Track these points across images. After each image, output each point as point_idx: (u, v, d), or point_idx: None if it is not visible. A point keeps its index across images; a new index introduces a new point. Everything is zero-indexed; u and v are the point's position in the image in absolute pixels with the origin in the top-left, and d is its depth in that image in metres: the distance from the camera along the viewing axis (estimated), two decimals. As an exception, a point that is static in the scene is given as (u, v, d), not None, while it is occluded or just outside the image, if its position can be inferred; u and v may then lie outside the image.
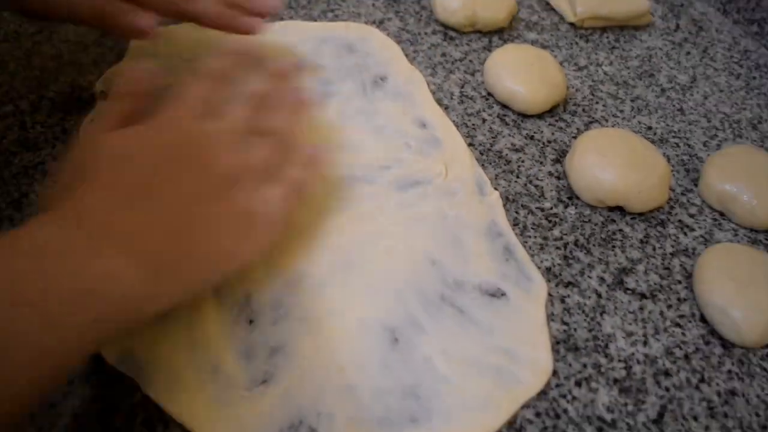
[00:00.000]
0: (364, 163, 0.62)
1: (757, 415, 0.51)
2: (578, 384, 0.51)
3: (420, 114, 0.67)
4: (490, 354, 0.50)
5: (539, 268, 0.57)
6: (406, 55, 0.73)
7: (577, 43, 0.80)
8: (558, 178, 0.64)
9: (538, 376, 0.50)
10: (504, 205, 0.61)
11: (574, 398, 0.50)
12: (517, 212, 0.61)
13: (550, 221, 0.61)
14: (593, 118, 0.71)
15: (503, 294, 0.54)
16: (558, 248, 0.59)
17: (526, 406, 0.48)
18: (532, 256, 0.57)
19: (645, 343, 0.54)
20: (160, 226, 0.43)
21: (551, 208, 0.62)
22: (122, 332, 0.41)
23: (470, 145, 0.65)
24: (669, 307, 0.57)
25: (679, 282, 0.58)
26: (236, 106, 0.52)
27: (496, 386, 0.49)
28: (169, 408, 0.44)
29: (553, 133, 0.68)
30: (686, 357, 0.54)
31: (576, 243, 0.59)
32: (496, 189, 0.62)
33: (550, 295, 0.55)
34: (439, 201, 0.60)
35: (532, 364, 0.50)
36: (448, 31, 0.77)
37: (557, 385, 0.50)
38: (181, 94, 0.50)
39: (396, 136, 0.64)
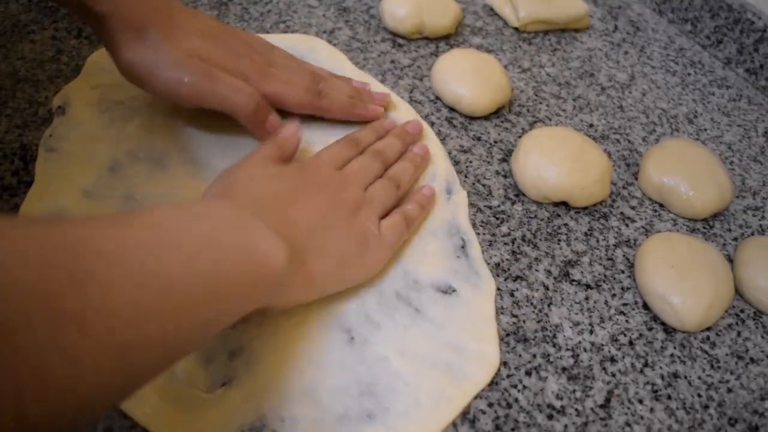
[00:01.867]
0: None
1: (699, 395, 0.52)
2: (528, 373, 0.51)
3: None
4: (441, 350, 0.51)
5: (488, 263, 0.57)
6: (356, 63, 0.72)
7: (520, 47, 0.81)
8: (505, 176, 0.65)
9: (487, 369, 0.50)
10: (454, 205, 0.61)
11: (524, 387, 0.50)
12: (466, 211, 0.61)
13: (498, 218, 0.61)
14: (537, 117, 0.72)
15: (454, 290, 0.54)
16: (506, 244, 0.59)
17: (478, 397, 0.48)
18: (482, 252, 0.57)
19: (591, 332, 0.54)
20: (301, 226, 0.48)
21: (499, 206, 0.62)
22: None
23: (420, 147, 0.65)
24: (613, 296, 0.57)
25: (622, 272, 0.59)
26: (365, 158, 0.59)
27: (448, 381, 0.49)
28: (130, 411, 0.44)
29: (499, 134, 0.69)
30: (630, 343, 0.54)
31: (523, 238, 0.60)
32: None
33: (499, 289, 0.55)
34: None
35: (481, 358, 0.51)
36: (397, 38, 0.77)
37: (508, 376, 0.50)
38: (322, 151, 0.59)
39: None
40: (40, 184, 0.55)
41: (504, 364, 0.51)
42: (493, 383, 0.49)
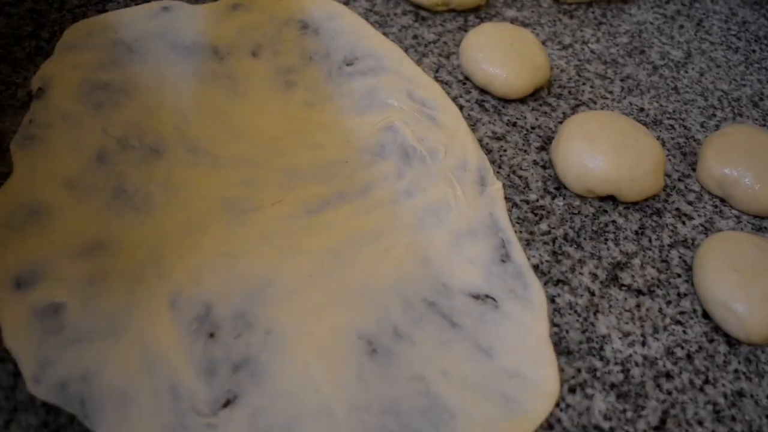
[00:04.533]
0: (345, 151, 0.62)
1: (767, 417, 0.51)
2: (572, 390, 0.51)
3: (411, 89, 0.68)
4: (493, 375, 0.50)
5: (526, 266, 0.57)
6: (375, 39, 0.72)
7: (560, 20, 0.80)
8: (544, 167, 0.64)
9: (548, 400, 0.50)
10: (486, 199, 0.61)
11: (567, 406, 0.50)
12: (500, 206, 0.61)
13: (536, 214, 0.61)
14: (580, 100, 0.71)
15: (494, 300, 0.54)
16: (546, 243, 0.59)
17: (516, 417, 0.48)
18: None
19: (643, 344, 0.54)
20: None
21: (537, 200, 0.62)
22: None
23: (447, 134, 0.65)
24: (668, 303, 0.57)
25: (679, 276, 0.59)
26: None
27: (504, 415, 0.48)
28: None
29: (537, 119, 0.68)
30: (688, 357, 0.54)
31: (565, 237, 0.60)
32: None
33: (538, 295, 0.55)
34: (437, 190, 0.60)
35: (540, 387, 0.50)
36: (420, 11, 0.77)
37: (549, 393, 0.50)
38: None
39: (384, 112, 0.65)
40: (17, 175, 0.55)
41: (545, 379, 0.50)
42: (532, 401, 0.49)
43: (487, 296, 0.54)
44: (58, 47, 0.65)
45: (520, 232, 0.59)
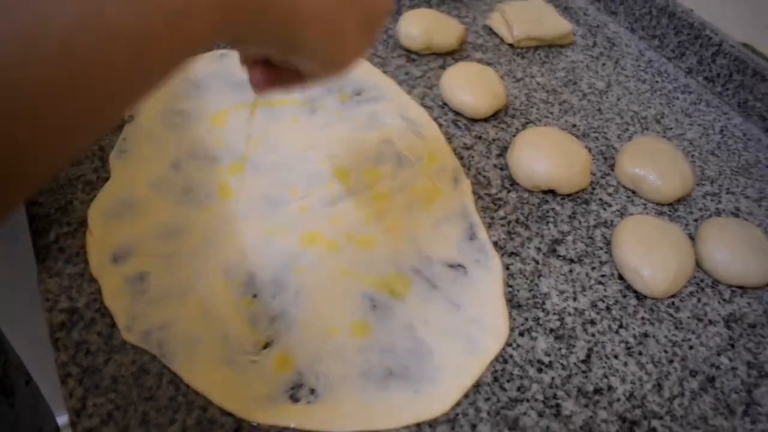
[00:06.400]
0: (355, 154, 0.61)
1: (665, 351, 0.51)
2: (521, 334, 0.50)
3: (403, 112, 0.67)
4: (461, 322, 0.50)
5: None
6: (377, 75, 0.71)
7: (514, 60, 0.79)
8: (501, 169, 0.63)
9: (499, 340, 0.49)
10: (458, 193, 0.60)
11: (518, 346, 0.49)
12: (469, 198, 0.60)
13: (495, 204, 0.60)
14: (529, 119, 0.70)
15: (463, 267, 0.53)
16: (503, 225, 0.58)
17: (479, 354, 0.48)
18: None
19: (574, 299, 0.53)
20: None
21: (496, 194, 0.61)
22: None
23: (430, 145, 0.64)
24: (593, 269, 0.56)
25: (601, 248, 0.58)
26: None
27: (467, 351, 0.48)
28: (187, 379, 0.43)
29: (497, 133, 0.67)
30: (608, 308, 0.53)
31: (517, 221, 0.59)
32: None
33: (496, 263, 0.54)
34: (422, 187, 0.59)
35: (494, 331, 0.50)
36: (410, 54, 0.76)
37: (504, 336, 0.49)
38: None
39: (383, 129, 0.64)
40: (114, 179, 0.55)
41: (501, 326, 0.50)
42: (491, 342, 0.49)
43: (459, 265, 0.53)
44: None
45: (484, 217, 0.58)
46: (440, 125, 0.66)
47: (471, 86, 0.68)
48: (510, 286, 0.53)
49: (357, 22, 0.35)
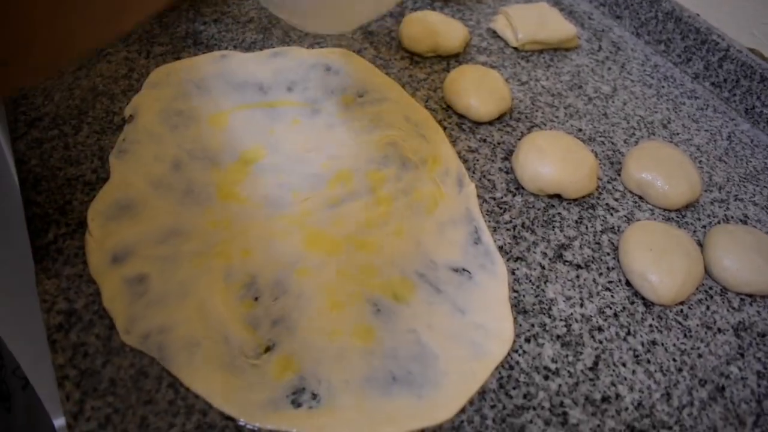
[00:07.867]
0: (357, 157, 0.60)
1: (674, 360, 0.50)
2: (528, 340, 0.49)
3: (407, 115, 0.66)
4: (465, 328, 0.49)
5: (493, 246, 0.55)
6: (380, 77, 0.71)
7: (519, 64, 0.79)
8: (506, 173, 0.63)
9: (504, 345, 0.49)
10: (463, 197, 0.59)
11: (524, 352, 0.49)
12: (474, 202, 0.59)
13: (501, 208, 0.59)
14: (534, 123, 0.70)
15: (468, 272, 0.53)
16: (508, 230, 0.58)
17: (485, 360, 0.47)
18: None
19: (581, 305, 0.53)
20: None
21: (502, 198, 0.60)
22: None
23: (434, 148, 0.64)
24: (600, 274, 0.56)
25: (608, 254, 0.57)
26: None
27: (472, 356, 0.47)
28: (187, 383, 0.43)
29: (501, 137, 0.67)
30: (615, 315, 0.53)
31: (523, 225, 0.58)
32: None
33: (502, 268, 0.54)
34: (426, 190, 0.59)
35: (499, 336, 0.49)
36: (414, 56, 0.76)
37: (510, 342, 0.49)
38: None
39: (387, 131, 0.64)
40: (114, 179, 0.54)
41: (507, 332, 0.49)
42: (497, 348, 0.48)
43: (463, 269, 0.53)
44: (145, 85, 0.64)
45: (489, 221, 0.58)
46: (444, 128, 0.66)
47: (476, 89, 0.67)
48: (516, 292, 0.53)
49: None
